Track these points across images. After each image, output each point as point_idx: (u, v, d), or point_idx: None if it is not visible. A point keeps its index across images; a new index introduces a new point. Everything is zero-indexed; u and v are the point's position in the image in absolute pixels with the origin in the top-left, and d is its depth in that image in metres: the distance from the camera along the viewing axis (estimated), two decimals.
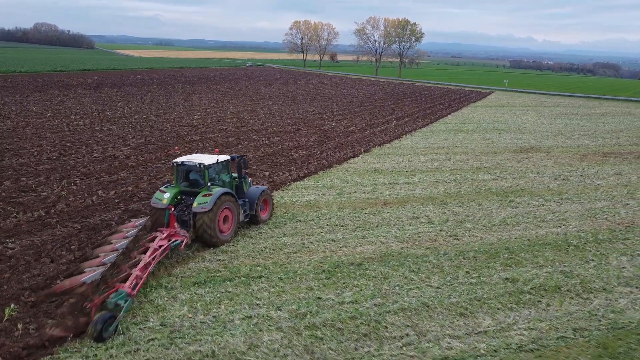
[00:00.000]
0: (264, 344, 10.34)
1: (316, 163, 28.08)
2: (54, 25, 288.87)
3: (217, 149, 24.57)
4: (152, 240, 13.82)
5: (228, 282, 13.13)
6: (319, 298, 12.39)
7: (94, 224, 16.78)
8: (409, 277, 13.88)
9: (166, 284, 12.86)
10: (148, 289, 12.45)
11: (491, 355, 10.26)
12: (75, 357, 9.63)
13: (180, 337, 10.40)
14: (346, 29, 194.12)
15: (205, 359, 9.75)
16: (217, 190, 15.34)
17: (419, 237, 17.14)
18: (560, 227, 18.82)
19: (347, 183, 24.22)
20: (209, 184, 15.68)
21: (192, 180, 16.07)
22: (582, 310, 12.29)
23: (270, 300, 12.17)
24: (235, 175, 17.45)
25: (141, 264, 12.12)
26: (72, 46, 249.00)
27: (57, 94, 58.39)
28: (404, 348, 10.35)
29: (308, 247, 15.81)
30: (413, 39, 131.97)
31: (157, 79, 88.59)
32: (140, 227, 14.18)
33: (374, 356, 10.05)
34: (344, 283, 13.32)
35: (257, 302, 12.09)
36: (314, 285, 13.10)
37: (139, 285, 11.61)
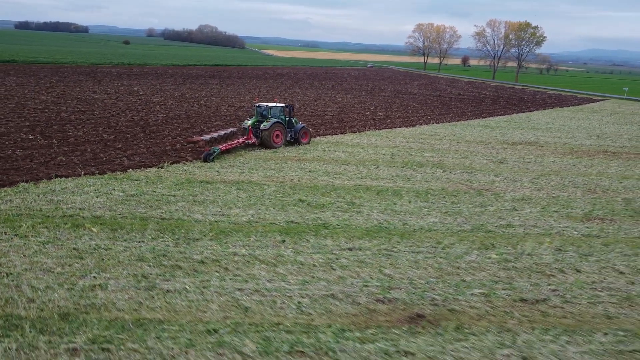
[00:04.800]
0: (93, 203, 17.49)
1: None
2: (215, 27, 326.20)
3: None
4: (237, 139, 28.50)
5: (113, 180, 20.58)
6: (154, 191, 19.24)
7: (75, 151, 25.38)
8: (230, 191, 19.98)
9: (90, 178, 20.70)
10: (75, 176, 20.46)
11: (216, 222, 16.23)
12: None
13: (48, 193, 18.10)
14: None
15: (49, 211, 17.02)
16: (273, 120, 28.92)
17: (282, 177, 22.83)
18: (410, 184, 22.98)
19: (292, 146, 30.16)
20: (270, 116, 29.10)
21: (263, 115, 29.40)
22: (309, 216, 17.44)
23: (124, 189, 19.31)
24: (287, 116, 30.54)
25: (229, 142, 27.14)
26: (226, 45, 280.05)
27: (170, 81, 71.26)
28: (178, 212, 16.83)
29: (192, 173, 22.59)
30: (533, 43, 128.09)
31: (268, 74, 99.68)
32: (233, 130, 29.64)
33: (146, 216, 16.68)
34: (181, 189, 19.93)
35: (114, 188, 19.31)
36: (163, 187, 19.91)
37: (225, 148, 26.22)
